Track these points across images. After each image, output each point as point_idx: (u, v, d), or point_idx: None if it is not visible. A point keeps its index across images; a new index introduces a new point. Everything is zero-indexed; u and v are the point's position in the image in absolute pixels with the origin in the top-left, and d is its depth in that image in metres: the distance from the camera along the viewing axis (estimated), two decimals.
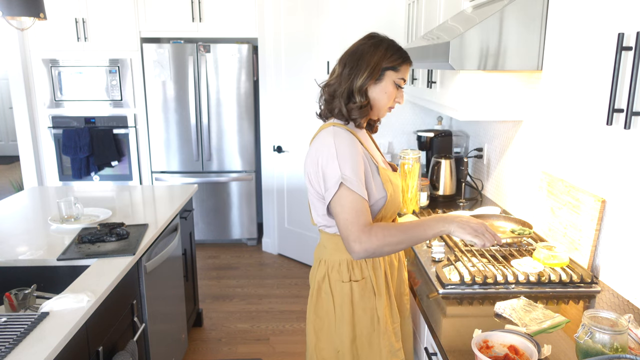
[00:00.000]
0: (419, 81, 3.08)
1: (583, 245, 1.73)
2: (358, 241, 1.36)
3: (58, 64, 4.18)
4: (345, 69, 1.46)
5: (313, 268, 1.62)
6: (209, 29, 4.15)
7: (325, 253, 1.56)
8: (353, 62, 1.46)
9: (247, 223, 4.56)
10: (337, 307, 1.53)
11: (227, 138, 4.37)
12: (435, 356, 1.43)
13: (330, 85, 1.50)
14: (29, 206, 2.56)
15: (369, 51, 1.46)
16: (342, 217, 1.39)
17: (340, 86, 1.47)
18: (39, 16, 2.41)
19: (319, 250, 1.60)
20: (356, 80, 1.45)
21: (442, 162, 2.76)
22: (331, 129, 1.46)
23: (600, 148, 1.68)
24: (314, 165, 1.45)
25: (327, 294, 1.54)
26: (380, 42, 1.49)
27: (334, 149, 1.41)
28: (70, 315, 1.42)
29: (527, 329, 1.34)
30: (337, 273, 1.53)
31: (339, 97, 1.47)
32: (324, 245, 1.57)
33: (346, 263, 1.52)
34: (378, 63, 1.45)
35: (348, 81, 1.45)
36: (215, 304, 3.48)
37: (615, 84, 1.07)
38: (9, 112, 8.44)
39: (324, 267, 1.55)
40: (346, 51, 1.51)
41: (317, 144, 1.47)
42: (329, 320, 1.55)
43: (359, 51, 1.47)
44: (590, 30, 1.23)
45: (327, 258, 1.55)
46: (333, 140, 1.42)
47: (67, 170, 4.37)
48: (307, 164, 1.51)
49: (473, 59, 1.66)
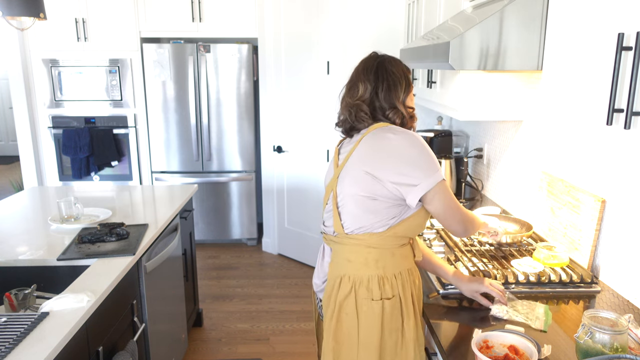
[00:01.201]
0: (419, 81, 3.08)
1: (583, 245, 1.73)
2: (463, 222, 1.44)
3: (58, 64, 4.18)
4: (380, 86, 1.45)
5: (330, 287, 1.46)
6: (209, 29, 4.15)
7: (349, 268, 1.43)
8: (385, 78, 1.45)
9: (247, 223, 4.56)
10: (362, 329, 1.41)
11: (227, 138, 4.37)
12: (435, 356, 1.43)
13: (364, 101, 1.46)
14: (29, 206, 2.56)
15: (393, 65, 1.49)
16: (453, 207, 1.41)
17: (379, 102, 1.45)
18: (39, 16, 2.41)
19: (339, 267, 1.45)
20: (398, 94, 1.46)
21: (442, 162, 2.76)
22: (393, 127, 1.43)
23: (600, 148, 1.68)
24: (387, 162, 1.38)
25: (350, 314, 1.41)
26: (393, 57, 1.53)
27: (419, 144, 1.38)
28: (70, 315, 1.42)
29: (535, 325, 1.35)
30: (366, 290, 1.40)
31: (389, 109, 1.45)
32: (348, 259, 1.43)
33: (377, 279, 1.41)
34: (405, 73, 1.50)
35: (388, 96, 1.45)
36: (215, 304, 3.48)
37: (615, 84, 1.07)
38: (9, 112, 8.44)
39: (349, 284, 1.41)
40: (364, 69, 1.49)
41: (388, 140, 1.39)
42: (350, 345, 1.42)
43: (382, 67, 1.47)
44: (590, 30, 1.23)
45: (353, 274, 1.42)
46: (410, 137, 1.39)
47: (67, 170, 4.37)
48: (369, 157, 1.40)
49: (473, 59, 1.66)
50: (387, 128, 1.42)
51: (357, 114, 1.46)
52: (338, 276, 1.45)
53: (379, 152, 1.39)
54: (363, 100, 1.46)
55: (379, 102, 1.45)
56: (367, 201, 1.40)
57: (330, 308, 1.45)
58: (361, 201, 1.40)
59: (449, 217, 1.42)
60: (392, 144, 1.38)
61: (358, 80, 1.48)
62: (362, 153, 1.42)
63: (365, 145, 1.42)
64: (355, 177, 1.41)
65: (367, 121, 1.45)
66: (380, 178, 1.37)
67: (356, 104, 1.46)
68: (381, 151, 1.39)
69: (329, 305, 1.46)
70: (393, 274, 1.42)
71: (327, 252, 1.55)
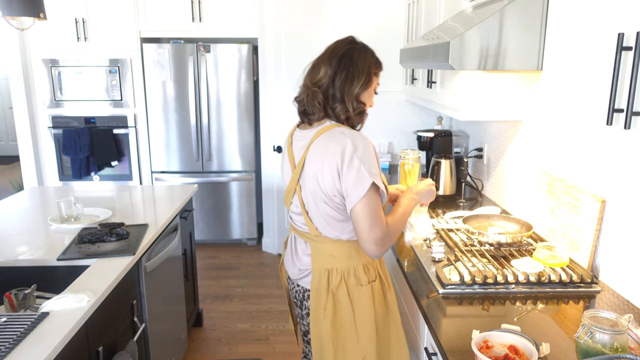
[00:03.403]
0: (419, 81, 3.08)
1: (583, 245, 1.73)
2: (381, 244, 1.42)
3: (58, 64, 4.18)
4: (339, 73, 1.46)
5: (316, 280, 1.53)
6: (209, 29, 4.15)
7: (335, 262, 1.52)
8: (346, 67, 1.46)
9: (247, 223, 4.56)
10: (357, 313, 1.51)
11: (227, 138, 4.37)
12: (435, 356, 1.43)
13: (320, 86, 1.48)
14: (29, 206, 2.56)
15: (360, 56, 1.49)
16: (367, 220, 1.40)
17: (334, 89, 1.47)
18: (39, 16, 2.41)
19: (323, 261, 1.53)
20: (353, 87, 1.46)
21: (442, 162, 2.76)
22: (345, 130, 1.45)
23: (600, 148, 1.68)
24: (332, 171, 1.42)
25: (344, 302, 1.51)
26: (366, 47, 1.53)
27: (361, 150, 1.41)
28: (70, 315, 1.42)
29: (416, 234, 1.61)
30: (355, 278, 1.52)
31: (339, 102, 1.47)
32: (332, 254, 1.52)
33: (362, 266, 1.53)
34: (369, 68, 1.49)
35: (343, 86, 1.46)
36: (215, 304, 3.48)
37: (615, 84, 1.07)
38: (9, 112, 8.44)
39: (338, 276, 1.51)
40: (331, 52, 1.50)
41: (332, 145, 1.43)
42: (349, 330, 1.52)
43: (349, 55, 1.48)
44: (590, 30, 1.23)
45: (340, 266, 1.52)
46: (351, 140, 1.41)
47: (67, 170, 4.37)
48: (318, 169, 1.45)
49: (473, 59, 1.66)
50: (334, 132, 1.45)
51: (311, 102, 1.48)
52: (325, 270, 1.53)
53: (324, 160, 1.43)
54: (319, 86, 1.48)
55: (334, 89, 1.46)
56: (329, 210, 1.48)
57: (321, 299, 1.53)
58: (326, 213, 1.49)
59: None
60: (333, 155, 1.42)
61: (322, 62, 1.50)
62: (311, 160, 1.47)
63: (314, 151, 1.47)
64: (313, 190, 1.48)
65: (318, 113, 1.48)
66: (327, 189, 1.44)
67: (313, 91, 1.48)
68: (325, 160, 1.43)
69: (318, 297, 1.53)
70: (371, 260, 1.56)
71: (299, 243, 1.62)
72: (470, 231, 1.99)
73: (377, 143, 3.72)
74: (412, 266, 1.81)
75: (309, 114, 1.51)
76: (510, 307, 1.49)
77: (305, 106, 1.51)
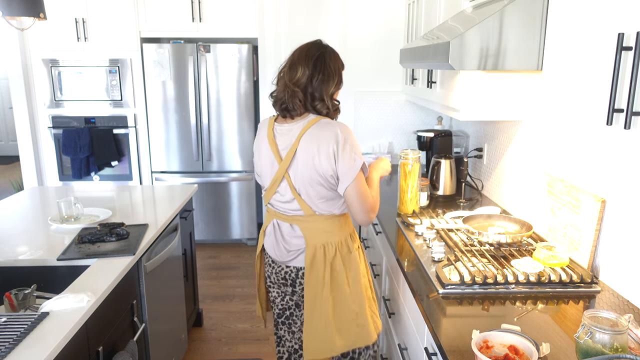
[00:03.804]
0: (419, 81, 3.08)
1: (583, 245, 1.73)
2: (372, 211, 1.70)
3: (58, 64, 4.18)
4: (316, 75, 1.65)
5: (311, 254, 1.71)
6: (209, 29, 4.15)
7: (329, 237, 1.73)
8: (321, 70, 1.66)
9: (247, 223, 4.56)
10: (350, 277, 1.75)
11: (227, 138, 4.38)
12: (435, 356, 1.43)
13: (299, 85, 1.66)
14: (29, 206, 2.56)
15: (331, 60, 1.70)
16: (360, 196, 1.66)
17: (312, 89, 1.66)
18: (39, 16, 2.41)
19: (317, 237, 1.72)
20: (329, 87, 1.68)
21: (442, 162, 2.76)
22: (331, 121, 1.68)
23: (600, 148, 1.68)
24: (329, 156, 1.62)
25: (339, 270, 1.73)
26: (334, 51, 1.73)
27: (349, 137, 1.64)
28: (70, 315, 1.42)
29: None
30: (346, 247, 1.76)
31: (319, 100, 1.67)
32: (325, 230, 1.72)
33: (349, 237, 1.78)
34: (339, 70, 1.72)
35: (321, 87, 1.66)
36: (215, 304, 3.48)
37: (615, 84, 1.07)
38: (9, 112, 8.44)
39: (332, 249, 1.72)
40: (306, 55, 1.67)
41: (325, 134, 1.63)
42: (343, 292, 1.74)
43: (322, 59, 1.67)
44: (590, 30, 1.23)
45: (334, 240, 1.73)
46: (340, 129, 1.64)
47: (67, 170, 4.37)
48: (315, 154, 1.63)
49: (473, 59, 1.66)
50: (322, 123, 1.66)
51: (292, 99, 1.66)
52: (320, 245, 1.72)
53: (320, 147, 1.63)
54: (298, 85, 1.66)
55: (312, 88, 1.66)
56: (323, 191, 1.69)
57: (319, 272, 1.72)
58: (320, 193, 1.69)
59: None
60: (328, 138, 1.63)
61: (299, 63, 1.67)
62: (305, 147, 1.65)
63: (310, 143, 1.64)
64: (309, 175, 1.66)
65: (300, 109, 1.67)
66: (324, 171, 1.64)
67: (293, 90, 1.66)
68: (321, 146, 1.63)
69: (316, 270, 1.72)
70: (353, 228, 1.83)
71: (285, 228, 1.78)
72: (470, 231, 1.99)
73: (377, 143, 3.72)
74: (412, 266, 1.81)
75: (289, 110, 1.68)
76: (510, 307, 1.49)
77: (286, 103, 1.68)
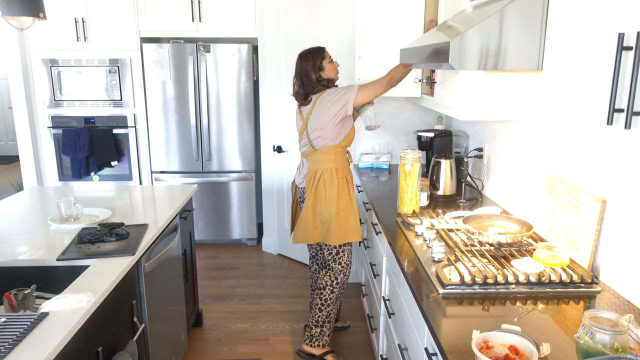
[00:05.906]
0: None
1: (583, 245, 1.73)
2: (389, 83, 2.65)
3: (58, 64, 4.18)
4: (302, 79, 2.64)
5: (310, 177, 2.66)
6: (209, 29, 4.15)
7: (321, 165, 2.63)
8: (304, 74, 2.63)
9: (247, 223, 4.56)
10: (327, 192, 2.62)
11: (227, 138, 4.37)
12: (435, 356, 1.43)
13: (298, 85, 2.68)
14: (29, 206, 2.56)
15: (303, 63, 2.64)
16: (370, 84, 2.62)
17: (305, 83, 2.64)
18: (38, 16, 2.40)
19: (314, 165, 2.65)
20: (312, 79, 2.63)
21: (442, 162, 2.76)
22: (330, 89, 2.63)
23: (600, 148, 1.68)
24: (336, 102, 2.57)
25: (320, 187, 2.63)
26: (306, 55, 2.64)
27: (342, 88, 2.61)
28: (70, 315, 1.42)
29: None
30: (329, 174, 2.62)
31: (314, 86, 2.63)
32: (319, 160, 2.63)
33: (334, 168, 2.63)
34: (314, 63, 2.62)
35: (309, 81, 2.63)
36: (215, 304, 3.48)
37: (616, 84, 1.07)
38: (8, 112, 8.44)
39: (320, 173, 2.63)
40: (295, 71, 2.67)
41: (330, 95, 2.59)
42: (320, 203, 2.64)
43: (299, 68, 2.65)
44: (590, 30, 1.23)
45: (323, 167, 2.63)
46: (334, 89, 2.62)
47: (66, 170, 4.37)
48: (326, 109, 2.58)
49: (473, 58, 1.66)
50: (326, 92, 2.62)
51: (303, 95, 2.67)
52: (314, 170, 2.65)
53: (327, 104, 2.59)
54: (298, 85, 2.67)
55: (305, 83, 2.64)
56: (325, 129, 2.61)
57: (311, 187, 2.64)
58: (321, 130, 2.61)
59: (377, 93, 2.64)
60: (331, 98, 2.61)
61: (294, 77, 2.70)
62: (318, 108, 2.61)
63: (320, 104, 2.61)
64: (317, 120, 2.61)
65: (317, 87, 2.63)
66: (330, 115, 2.59)
67: (298, 90, 2.69)
68: (327, 103, 2.60)
69: (309, 186, 2.65)
70: (341, 165, 2.66)
71: (304, 164, 2.76)
72: (471, 231, 1.99)
73: (377, 143, 3.72)
74: (412, 266, 1.81)
75: (309, 93, 2.66)
76: (511, 307, 1.49)
77: (307, 90, 2.66)
